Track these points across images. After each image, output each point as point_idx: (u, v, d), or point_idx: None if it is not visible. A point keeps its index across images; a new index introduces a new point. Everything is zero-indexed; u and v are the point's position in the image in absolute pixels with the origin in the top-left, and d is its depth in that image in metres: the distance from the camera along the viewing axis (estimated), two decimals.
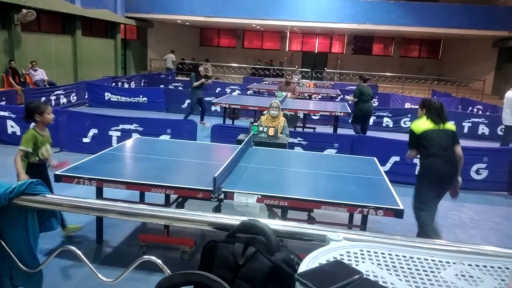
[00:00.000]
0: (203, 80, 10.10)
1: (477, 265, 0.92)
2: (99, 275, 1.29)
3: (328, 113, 9.31)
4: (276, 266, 1.02)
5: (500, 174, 6.73)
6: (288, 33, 24.52)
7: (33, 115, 3.99)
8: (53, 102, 11.36)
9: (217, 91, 14.83)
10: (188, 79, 19.18)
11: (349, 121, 9.84)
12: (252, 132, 5.65)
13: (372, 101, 9.27)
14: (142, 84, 16.76)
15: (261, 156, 4.94)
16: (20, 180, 3.80)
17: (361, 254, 0.94)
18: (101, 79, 15.12)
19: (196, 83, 9.94)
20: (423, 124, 4.30)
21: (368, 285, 0.80)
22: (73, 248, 1.33)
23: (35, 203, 1.33)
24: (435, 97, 16.25)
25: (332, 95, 13.41)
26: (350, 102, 9.53)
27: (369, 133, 8.62)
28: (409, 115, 11.55)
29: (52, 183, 3.86)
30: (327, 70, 21.22)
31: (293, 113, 9.00)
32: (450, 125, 4.36)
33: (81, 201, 1.36)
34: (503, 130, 9.44)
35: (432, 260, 0.93)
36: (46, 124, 4.08)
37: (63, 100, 11.87)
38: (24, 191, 1.32)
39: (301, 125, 10.01)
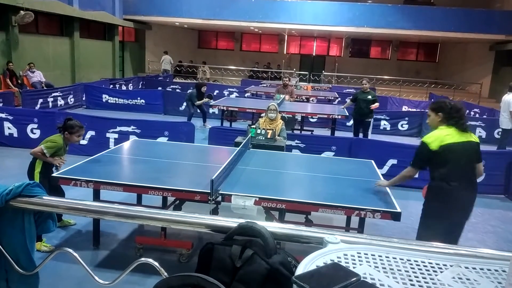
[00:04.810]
0: (205, 99, 10.36)
1: (474, 268, 0.92)
2: (96, 278, 1.28)
3: (325, 116, 9.33)
4: (273, 269, 1.02)
5: (497, 177, 6.75)
6: (286, 36, 24.58)
7: (65, 130, 4.30)
8: (50, 104, 11.33)
9: (215, 93, 14.81)
10: (185, 81, 19.26)
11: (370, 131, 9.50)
12: (250, 135, 5.66)
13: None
14: (139, 86, 16.74)
15: (259, 158, 4.94)
16: (48, 157, 3.99)
17: (359, 256, 0.94)
18: (98, 81, 15.09)
19: (199, 102, 10.26)
20: (443, 136, 3.36)
21: None
22: (70, 250, 1.33)
23: (32, 205, 1.33)
24: (432, 100, 16.30)
25: (330, 98, 13.44)
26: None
27: None
28: (406, 118, 11.60)
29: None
30: (324, 73, 21.27)
31: (291, 115, 9.01)
32: (474, 136, 3.52)
33: (78, 203, 1.35)
34: (500, 133, 9.47)
35: (429, 263, 0.93)
36: (70, 142, 4.41)
37: (61, 102, 11.85)
38: (21, 193, 1.31)
39: (299, 127, 10.02)
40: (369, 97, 8.94)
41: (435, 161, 3.42)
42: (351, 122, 9.74)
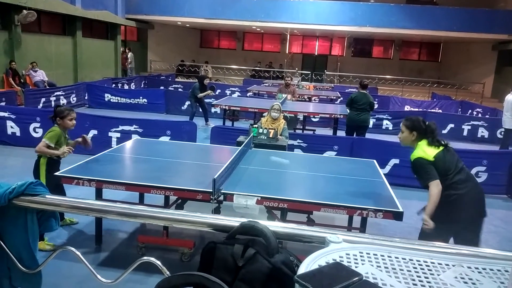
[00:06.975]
0: (208, 92, 10.52)
1: (476, 268, 0.92)
2: (98, 276, 1.29)
3: (327, 115, 9.32)
4: (275, 268, 1.02)
5: (500, 177, 6.73)
6: (288, 36, 24.55)
7: (56, 117, 4.26)
8: (53, 103, 11.34)
9: (217, 92, 14.83)
10: (188, 80, 19.26)
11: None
12: (252, 134, 5.66)
13: (368, 111, 8.14)
14: (142, 86, 16.76)
15: (261, 158, 4.94)
16: (60, 151, 4.05)
17: (361, 256, 0.94)
18: (101, 80, 15.11)
19: (201, 94, 10.37)
20: (429, 149, 3.40)
21: (368, 287, 0.80)
22: (72, 249, 1.33)
23: (34, 204, 1.33)
24: (434, 100, 16.26)
25: (332, 97, 13.42)
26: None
27: (369, 136, 8.61)
28: None
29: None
30: (327, 73, 21.24)
31: (293, 115, 9.00)
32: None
33: (80, 202, 1.36)
34: (502, 133, 9.45)
35: (432, 263, 0.93)
36: (66, 129, 4.34)
37: (63, 101, 11.86)
38: (24, 191, 1.32)
39: (301, 127, 10.01)
40: None
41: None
42: None
